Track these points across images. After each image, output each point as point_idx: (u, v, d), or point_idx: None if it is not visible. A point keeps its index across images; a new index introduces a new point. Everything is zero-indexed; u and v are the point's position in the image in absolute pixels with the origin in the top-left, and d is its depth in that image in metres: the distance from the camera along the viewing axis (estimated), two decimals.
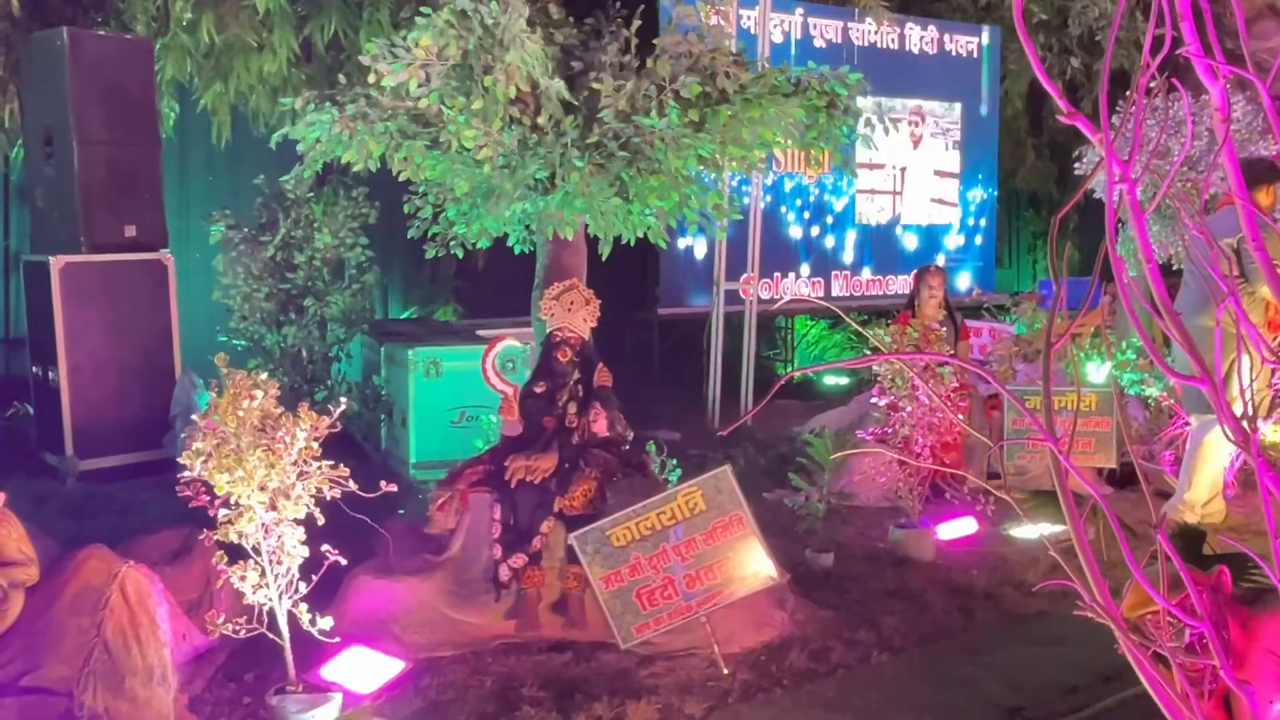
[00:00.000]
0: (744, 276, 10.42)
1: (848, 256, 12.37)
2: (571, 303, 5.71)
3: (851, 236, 12.46)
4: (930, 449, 6.73)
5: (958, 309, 8.74)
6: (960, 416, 6.73)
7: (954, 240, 13.28)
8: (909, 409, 6.75)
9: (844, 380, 11.59)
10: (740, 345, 10.68)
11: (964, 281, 13.30)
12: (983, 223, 13.48)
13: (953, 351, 7.33)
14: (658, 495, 5.22)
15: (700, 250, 11.38)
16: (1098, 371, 7.95)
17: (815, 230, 12.08)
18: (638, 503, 5.30)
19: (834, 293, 12.15)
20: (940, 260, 12.09)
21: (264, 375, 4.87)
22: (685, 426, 9.82)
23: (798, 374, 4.55)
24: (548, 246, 6.64)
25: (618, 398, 5.75)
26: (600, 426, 5.63)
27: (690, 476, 5.74)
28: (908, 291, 10.09)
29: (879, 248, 12.64)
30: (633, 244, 6.54)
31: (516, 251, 7.05)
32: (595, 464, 5.54)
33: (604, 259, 6.56)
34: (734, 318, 10.70)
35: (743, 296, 10.54)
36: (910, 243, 12.88)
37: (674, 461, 6.93)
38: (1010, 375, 7.67)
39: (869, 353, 7.46)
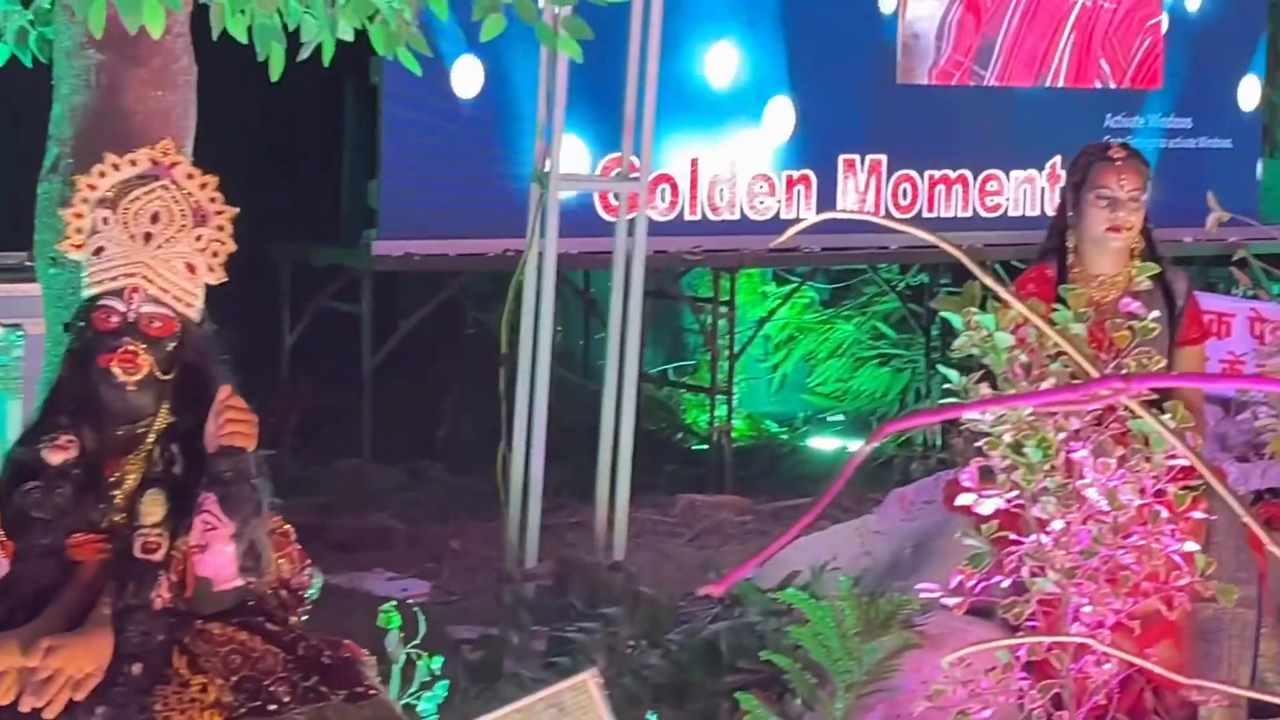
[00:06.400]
0: (604, 161, 9.10)
1: (881, 127, 11.06)
2: (156, 213, 4.55)
3: (884, 90, 11.10)
4: (1119, 626, 5.67)
5: (1176, 261, 7.63)
6: (1190, 546, 5.64)
7: (1165, 110, 12.13)
8: (1057, 523, 5.58)
9: (870, 446, 11.45)
10: (581, 336, 10.98)
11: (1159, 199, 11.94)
12: (1232, 60, 12.34)
13: (1164, 365, 6.27)
14: None
15: (497, 97, 9.77)
16: None
17: (797, 62, 10.73)
18: None
19: (839, 203, 10.83)
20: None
21: None
22: (438, 547, 9.04)
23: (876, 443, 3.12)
24: (86, 63, 5.38)
25: (274, 473, 4.72)
26: (219, 563, 4.40)
27: (468, 697, 6.03)
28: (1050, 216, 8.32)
29: (968, 118, 11.31)
30: (327, 62, 5.44)
31: None
32: (217, 666, 4.34)
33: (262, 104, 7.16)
34: (569, 265, 9.58)
35: (603, 215, 9.38)
36: (1052, 113, 11.59)
37: (435, 661, 5.83)
38: None
39: (972, 391, 5.86)
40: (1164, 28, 11.55)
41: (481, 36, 5.34)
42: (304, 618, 4.46)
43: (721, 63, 10.38)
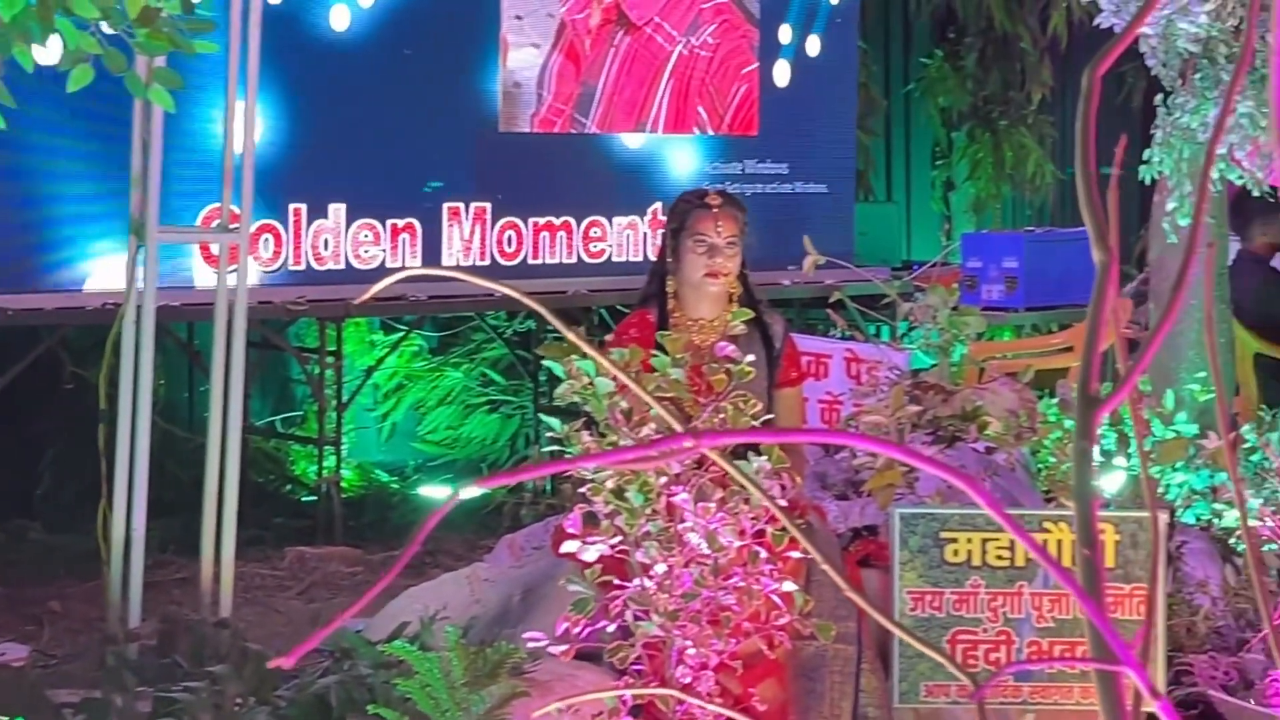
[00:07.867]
0: (203, 213, 9.02)
1: (485, 175, 10.99)
2: None
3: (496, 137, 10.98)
4: (722, 666, 5.70)
5: (773, 305, 7.49)
6: (788, 586, 5.72)
7: (762, 155, 12.14)
8: (660, 566, 5.61)
9: (453, 503, 11.16)
10: (186, 389, 10.82)
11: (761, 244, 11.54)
12: (829, 107, 12.49)
13: (762, 411, 6.08)
14: None
15: (90, 147, 9.50)
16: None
17: (397, 110, 10.60)
18: None
19: (444, 251, 10.65)
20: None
21: None
22: (38, 609, 8.74)
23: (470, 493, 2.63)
24: None
25: None
26: None
27: None
28: (651, 260, 8.42)
29: (571, 166, 11.36)
30: None
31: None
32: None
33: None
34: (171, 317, 9.22)
35: (205, 266, 9.34)
36: (652, 160, 11.65)
37: None
38: (898, 483, 6.77)
39: (575, 451, 5.97)
40: (766, 76, 11.66)
41: (69, 87, 5.08)
42: None
43: (319, 110, 10.14)
